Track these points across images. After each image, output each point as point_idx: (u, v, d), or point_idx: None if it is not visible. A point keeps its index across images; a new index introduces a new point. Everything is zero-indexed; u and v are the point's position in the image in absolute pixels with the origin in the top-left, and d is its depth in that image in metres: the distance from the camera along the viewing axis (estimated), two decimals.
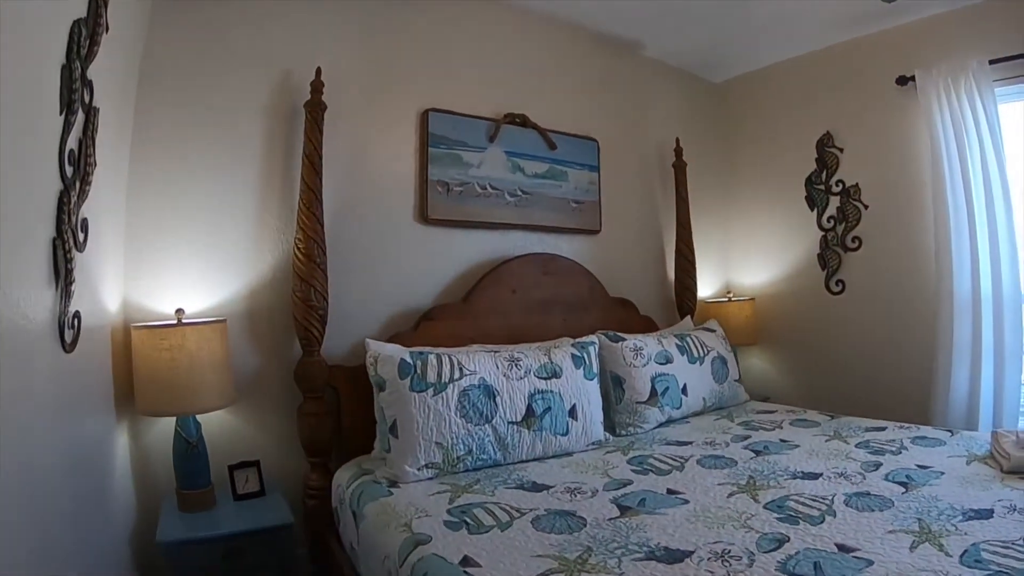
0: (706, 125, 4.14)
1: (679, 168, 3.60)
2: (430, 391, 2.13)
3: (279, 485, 2.23)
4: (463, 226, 2.79)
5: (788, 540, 1.58)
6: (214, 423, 2.15)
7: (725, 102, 4.24)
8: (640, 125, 3.67)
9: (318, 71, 2.31)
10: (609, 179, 3.31)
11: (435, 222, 2.72)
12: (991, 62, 3.03)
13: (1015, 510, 1.79)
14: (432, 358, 2.22)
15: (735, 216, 4.21)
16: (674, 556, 1.50)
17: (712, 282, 4.04)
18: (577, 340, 2.68)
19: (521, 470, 2.17)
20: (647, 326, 3.34)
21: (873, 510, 1.80)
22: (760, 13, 3.26)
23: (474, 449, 2.14)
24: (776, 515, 1.76)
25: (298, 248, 2.25)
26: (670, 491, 1.96)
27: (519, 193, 2.92)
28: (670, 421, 2.84)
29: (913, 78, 3.28)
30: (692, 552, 1.52)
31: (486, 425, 2.17)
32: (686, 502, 1.87)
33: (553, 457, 2.32)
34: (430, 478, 2.08)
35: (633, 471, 2.17)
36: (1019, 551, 1.52)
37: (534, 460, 2.28)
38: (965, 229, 3.12)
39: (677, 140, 3.62)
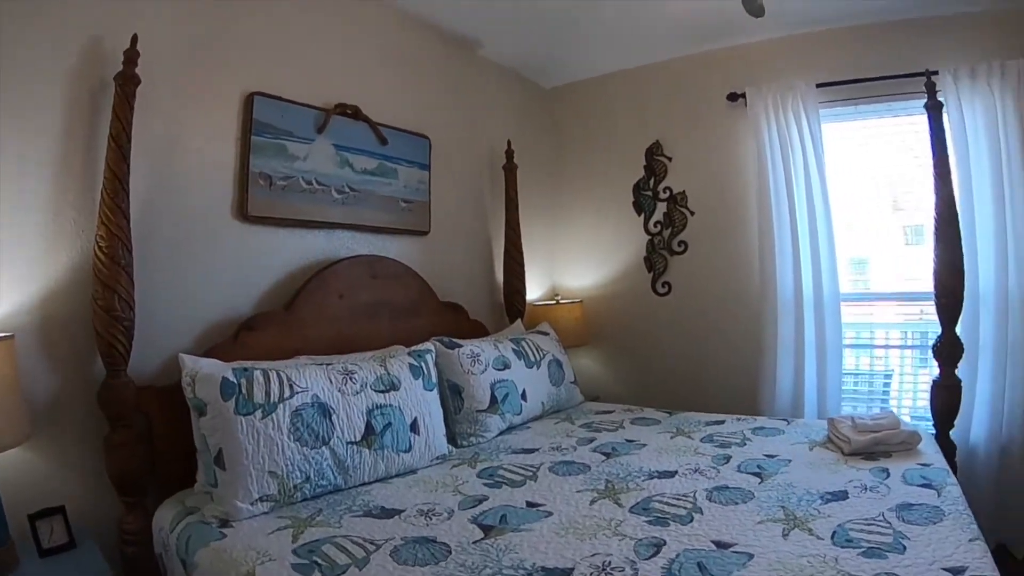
0: (538, 129, 4.16)
1: (510, 170, 3.56)
2: (258, 413, 1.82)
3: (91, 533, 1.79)
4: (287, 224, 2.46)
5: (665, 543, 1.56)
6: (6, 465, 1.67)
7: (557, 107, 4.30)
8: (473, 125, 3.57)
9: (134, 39, 1.88)
10: (440, 179, 3.17)
11: (256, 220, 2.36)
12: (818, 85, 3.34)
13: (866, 488, 1.92)
14: (258, 374, 1.90)
15: (563, 220, 4.27)
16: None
17: (540, 285, 4.05)
18: (413, 348, 2.49)
19: (365, 494, 1.94)
20: (477, 330, 3.24)
21: (737, 503, 1.84)
22: (597, 24, 3.33)
23: (312, 475, 1.87)
24: (644, 519, 1.73)
25: (99, 247, 1.79)
26: (530, 504, 1.87)
27: (347, 190, 2.65)
28: (511, 428, 2.76)
29: (744, 95, 3.53)
30: (572, 569, 1.44)
31: (323, 447, 1.91)
32: (549, 514, 1.79)
33: (398, 476, 2.12)
34: (266, 512, 1.78)
35: (485, 485, 2.06)
36: (882, 527, 1.62)
37: (378, 481, 2.06)
38: (788, 235, 3.39)
39: (509, 142, 3.57)
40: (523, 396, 2.82)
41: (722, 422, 2.84)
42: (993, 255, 3.03)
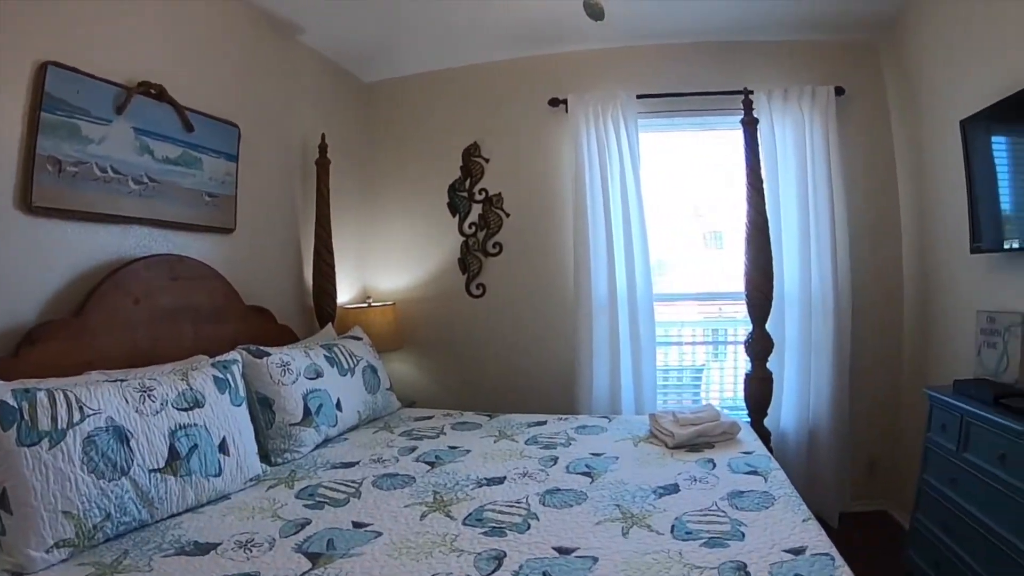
0: (354, 124, 4.00)
1: (322, 166, 3.37)
2: (45, 443, 1.52)
3: None
4: (77, 218, 2.08)
5: (505, 555, 1.56)
6: None
7: (375, 102, 4.15)
8: (286, 115, 3.33)
9: None
10: (248, 171, 2.90)
11: (41, 211, 1.96)
12: (638, 96, 3.57)
13: (696, 480, 2.07)
14: (42, 396, 1.59)
15: (376, 219, 4.14)
16: None
17: (350, 287, 3.89)
18: (218, 359, 2.27)
19: (176, 528, 1.73)
20: (286, 336, 3.04)
21: (571, 505, 1.89)
22: (424, 20, 3.30)
23: (113, 512, 1.61)
24: (480, 530, 1.71)
25: None
26: (357, 524, 1.78)
27: (146, 180, 2.31)
28: (327, 440, 2.62)
29: (565, 101, 3.67)
30: None
31: (123, 478, 1.66)
32: (379, 534, 1.70)
33: (209, 504, 1.91)
34: (65, 560, 1.51)
35: (306, 507, 1.93)
36: (718, 516, 1.75)
37: (187, 512, 1.84)
38: (603, 238, 3.57)
39: (323, 136, 3.39)
40: (338, 406, 2.69)
41: (544, 423, 2.92)
42: (798, 259, 3.46)
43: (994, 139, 2.61)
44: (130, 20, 2.32)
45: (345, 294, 3.76)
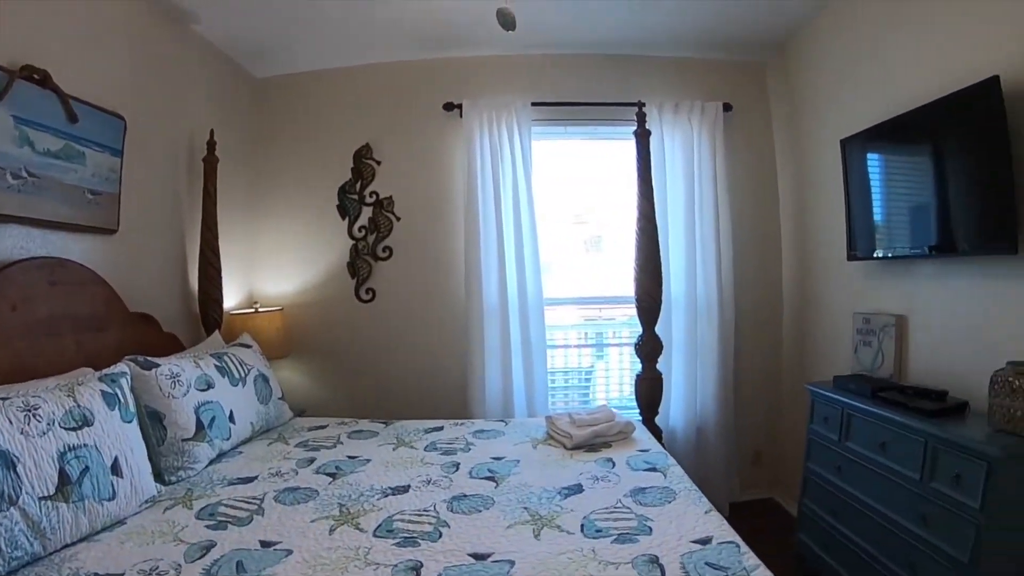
0: (244, 120, 3.82)
1: (211, 164, 3.20)
2: None
3: None
4: None
5: (422, 565, 1.57)
6: None
7: (266, 98, 3.99)
8: (174, 109, 3.12)
9: None
10: (133, 167, 2.69)
11: None
12: (533, 104, 3.65)
13: (597, 479, 2.17)
14: None
15: (264, 221, 3.98)
16: None
17: (237, 291, 3.72)
18: (105, 372, 2.12)
19: (72, 560, 1.61)
20: (172, 345, 2.88)
21: (480, 510, 1.94)
22: (320, 16, 3.24)
23: (3, 547, 1.48)
24: (392, 541, 1.72)
25: None
26: (264, 543, 1.73)
27: (25, 175, 2.09)
28: (221, 455, 2.51)
29: (460, 106, 3.68)
30: None
31: (11, 508, 1.52)
32: (289, 552, 1.67)
33: (105, 531, 1.79)
34: None
35: (208, 527, 1.84)
36: (624, 513, 1.85)
37: (82, 541, 1.71)
38: (494, 243, 3.63)
39: (212, 132, 3.22)
40: (231, 418, 2.59)
41: (441, 428, 2.95)
42: (684, 265, 3.69)
43: (870, 157, 2.92)
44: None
45: (231, 299, 3.59)
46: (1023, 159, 2.08)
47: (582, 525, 1.80)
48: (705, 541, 1.67)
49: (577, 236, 4.20)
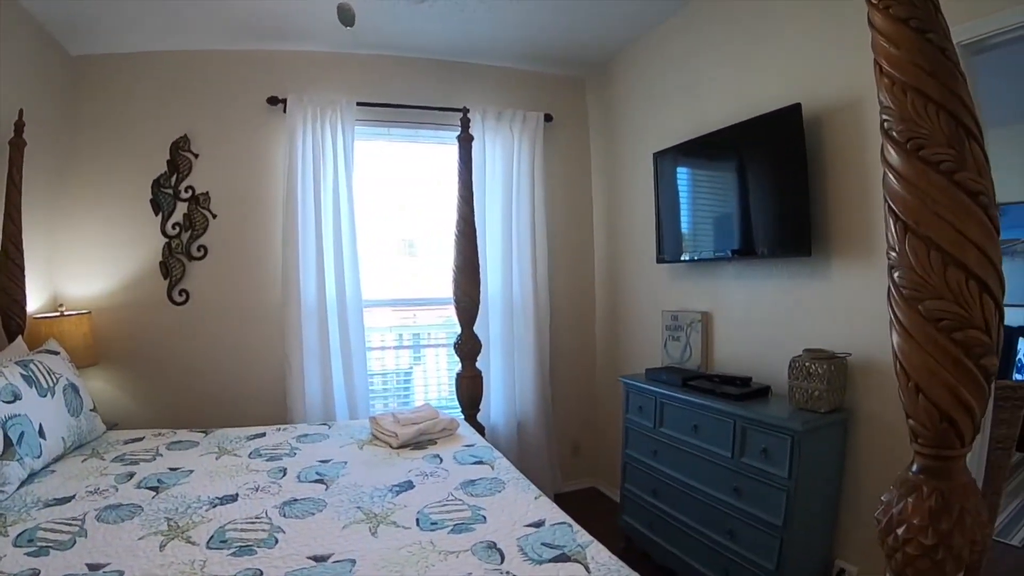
0: (54, 101, 3.47)
1: (17, 147, 2.91)
2: None
3: None
4: None
5: (262, 573, 1.58)
6: None
7: (79, 79, 3.64)
8: None
9: None
10: None
11: None
12: (359, 103, 3.70)
13: (427, 475, 2.29)
14: None
15: (69, 214, 3.64)
16: None
17: (39, 293, 3.40)
18: None
19: None
20: None
21: (313, 513, 2.00)
22: None
23: None
24: (227, 551, 1.71)
25: None
26: (92, 566, 1.64)
27: None
28: (32, 475, 2.33)
29: (285, 101, 3.65)
30: None
31: None
32: (121, 573, 1.60)
33: None
34: None
35: (29, 555, 1.71)
36: (457, 505, 2.00)
37: None
38: (313, 243, 3.64)
39: (20, 112, 2.94)
40: (40, 433, 2.41)
41: (263, 434, 2.94)
42: (501, 266, 3.91)
43: (679, 170, 3.32)
44: None
45: (34, 301, 3.30)
46: (815, 175, 2.54)
47: (417, 519, 1.90)
48: (539, 524, 1.82)
49: (395, 238, 4.25)
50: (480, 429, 3.30)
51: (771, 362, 2.79)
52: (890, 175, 1.02)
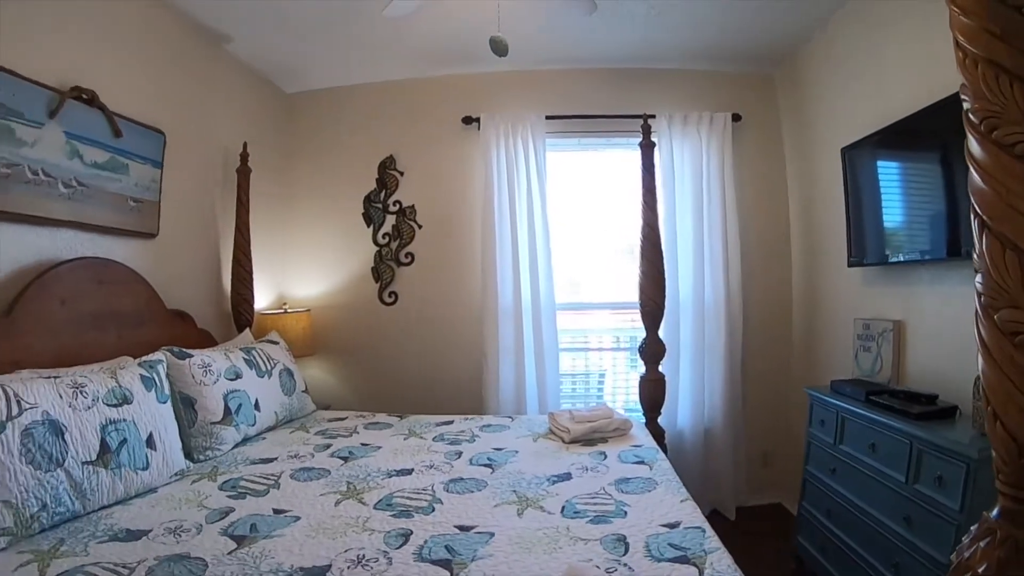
0: (274, 133, 4.09)
1: (243, 174, 3.47)
2: None
3: None
4: (7, 219, 2.11)
5: (412, 533, 1.74)
6: None
7: (295, 112, 4.26)
8: (209, 123, 3.39)
9: None
10: (172, 178, 2.97)
11: None
12: (547, 117, 3.82)
13: (587, 469, 2.29)
14: None
15: (293, 228, 4.24)
16: (313, 574, 1.50)
17: (267, 293, 3.97)
18: (144, 359, 2.37)
19: (107, 518, 1.83)
20: (205, 341, 3.12)
21: (473, 491, 2.10)
22: (346, 35, 3.45)
23: (49, 503, 1.71)
24: (389, 513, 1.89)
25: None
26: (277, 511, 1.92)
27: (75, 184, 2.37)
28: (247, 439, 2.73)
29: (478, 120, 3.88)
30: (329, 566, 1.53)
31: (58, 470, 1.75)
32: (298, 518, 1.85)
33: (138, 497, 2.01)
34: (3, 549, 1.59)
35: (229, 497, 2.05)
36: (604, 499, 1.98)
37: (117, 504, 1.94)
38: (509, 250, 3.81)
39: (244, 144, 3.48)
40: (256, 406, 2.81)
41: (451, 422, 3.11)
42: (692, 270, 3.78)
43: (871, 164, 2.94)
44: (62, 24, 2.37)
45: (262, 300, 3.84)
46: None
47: (563, 507, 1.93)
48: (674, 525, 1.77)
49: (608, 244, 4.25)
50: (659, 433, 3.17)
51: (962, 379, 2.32)
52: (970, 164, 0.85)
